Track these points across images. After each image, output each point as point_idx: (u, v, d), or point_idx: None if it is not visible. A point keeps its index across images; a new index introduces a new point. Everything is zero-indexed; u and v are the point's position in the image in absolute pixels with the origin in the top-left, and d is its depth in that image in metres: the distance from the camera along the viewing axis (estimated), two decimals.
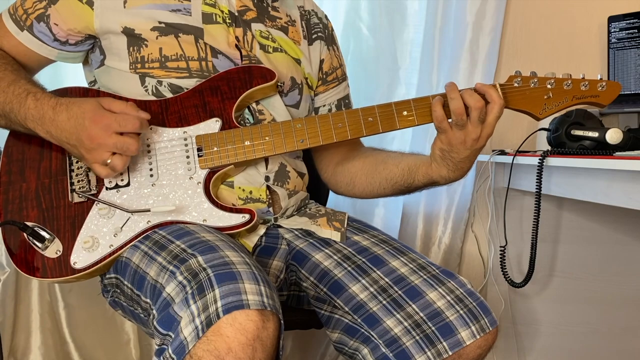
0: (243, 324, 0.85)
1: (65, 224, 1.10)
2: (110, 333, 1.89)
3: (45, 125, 1.06)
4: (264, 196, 1.18)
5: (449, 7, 1.94)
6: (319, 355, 1.99)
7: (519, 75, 1.18)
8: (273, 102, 1.22)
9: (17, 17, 1.17)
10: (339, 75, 1.40)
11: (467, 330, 1.05)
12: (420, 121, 1.17)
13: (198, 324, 0.86)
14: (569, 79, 1.18)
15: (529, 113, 1.19)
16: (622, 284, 1.98)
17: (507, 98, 1.17)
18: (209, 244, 0.98)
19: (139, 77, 1.16)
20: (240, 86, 1.16)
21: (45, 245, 1.08)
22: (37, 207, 1.10)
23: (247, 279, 0.89)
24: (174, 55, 1.16)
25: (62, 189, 1.12)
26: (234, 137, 1.14)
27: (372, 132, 1.17)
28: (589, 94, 1.18)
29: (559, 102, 1.18)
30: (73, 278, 1.09)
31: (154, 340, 0.94)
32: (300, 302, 1.28)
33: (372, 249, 1.18)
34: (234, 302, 0.86)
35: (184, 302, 0.89)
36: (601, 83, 1.18)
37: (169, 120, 1.15)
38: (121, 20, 1.15)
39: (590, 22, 2.00)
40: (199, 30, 1.18)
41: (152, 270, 1.00)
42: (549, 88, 1.18)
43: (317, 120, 1.16)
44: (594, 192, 1.42)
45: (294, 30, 1.31)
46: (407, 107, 1.17)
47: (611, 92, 1.18)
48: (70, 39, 1.18)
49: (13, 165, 1.13)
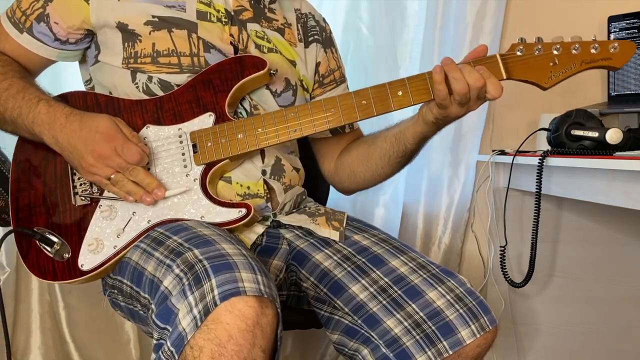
0: (242, 310, 0.85)
1: (71, 228, 1.12)
2: (110, 333, 1.89)
3: (54, 130, 1.08)
4: (262, 190, 1.18)
5: (449, 7, 1.94)
6: (319, 355, 1.99)
7: (522, 42, 1.12)
8: (267, 101, 1.22)
9: (15, 19, 1.17)
10: (337, 77, 1.40)
11: (467, 329, 1.05)
12: (416, 100, 1.12)
13: (196, 314, 0.86)
14: (577, 42, 1.10)
15: (533, 83, 1.12)
16: (622, 284, 1.97)
17: (509, 68, 1.11)
18: (206, 238, 0.98)
19: (130, 73, 1.16)
20: (232, 78, 1.16)
21: (55, 249, 1.10)
22: (45, 213, 1.13)
23: (244, 269, 0.90)
24: (165, 51, 1.16)
25: (66, 193, 1.14)
26: (227, 131, 1.13)
27: (366, 116, 1.13)
28: (600, 57, 1.09)
29: (567, 69, 1.10)
30: (82, 280, 1.10)
31: (153, 335, 0.94)
32: (300, 302, 1.28)
33: (372, 248, 1.18)
34: (231, 289, 0.86)
35: (181, 294, 0.89)
36: (613, 44, 1.09)
37: (164, 118, 1.15)
38: (115, 15, 1.15)
39: (590, 22, 2.00)
40: (193, 25, 1.18)
41: (150, 266, 1.00)
42: (555, 54, 1.10)
43: (310, 107, 1.14)
44: (594, 192, 1.42)
45: (290, 32, 1.31)
46: (401, 86, 1.12)
47: (625, 53, 1.09)
48: (71, 38, 1.18)
49: (22, 173, 1.16)
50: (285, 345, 1.97)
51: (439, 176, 1.98)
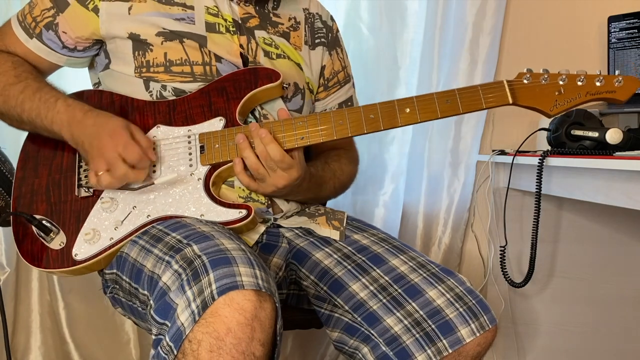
0: (240, 304, 0.85)
1: (70, 218, 1.13)
2: (110, 333, 1.89)
3: (72, 127, 1.10)
4: (263, 198, 1.19)
5: (449, 7, 1.94)
6: (319, 355, 1.99)
7: (529, 72, 1.15)
8: (277, 107, 1.23)
9: (26, 24, 1.21)
10: (341, 78, 1.40)
11: (467, 328, 1.05)
12: (423, 118, 1.15)
13: (194, 308, 0.86)
14: (582, 75, 1.14)
15: (539, 110, 1.16)
16: (622, 284, 1.97)
17: (516, 94, 1.14)
18: (205, 234, 0.99)
19: (143, 82, 1.19)
20: (245, 87, 1.18)
21: (51, 237, 1.11)
22: (46, 201, 1.15)
23: (242, 263, 0.90)
24: (178, 60, 1.18)
25: (70, 185, 1.15)
26: (236, 135, 1.14)
27: (373, 129, 1.16)
28: (605, 90, 1.14)
29: (571, 99, 1.14)
30: (74, 269, 1.11)
31: (152, 331, 0.94)
32: (300, 301, 1.28)
33: (372, 247, 1.18)
34: (229, 283, 0.86)
35: (179, 289, 0.89)
36: (618, 78, 1.14)
37: (176, 120, 1.17)
38: (127, 27, 1.18)
39: (590, 22, 2.00)
40: (202, 38, 1.20)
41: (149, 262, 1.01)
42: (560, 84, 1.14)
43: (318, 117, 1.16)
44: (594, 192, 1.42)
45: (296, 35, 1.32)
46: (409, 104, 1.15)
47: (629, 88, 1.14)
48: (79, 46, 1.22)
49: (29, 162, 1.19)
50: (285, 345, 1.97)
51: (439, 176, 1.98)
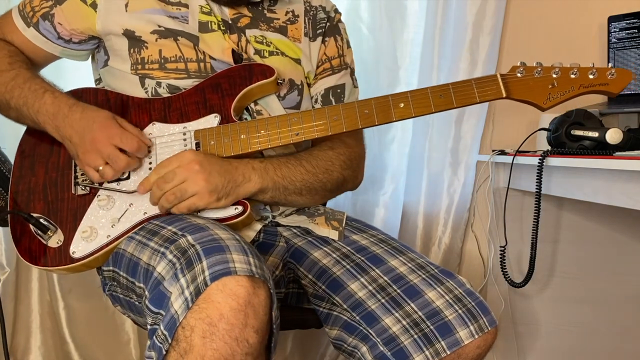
0: (233, 290, 0.84)
1: (67, 216, 1.13)
2: (110, 333, 1.89)
3: (57, 120, 1.12)
4: None
5: (449, 7, 1.94)
6: (318, 355, 1.99)
7: (522, 65, 1.15)
8: (271, 104, 1.23)
9: (25, 13, 1.23)
10: (335, 65, 1.37)
11: (466, 330, 1.04)
12: (417, 112, 1.14)
13: (187, 295, 0.86)
14: (575, 68, 1.14)
15: (532, 103, 1.16)
16: (622, 284, 1.97)
17: (509, 88, 1.14)
18: (200, 225, 0.99)
19: (139, 79, 1.19)
20: (240, 83, 1.19)
21: (49, 236, 1.11)
22: (44, 200, 1.15)
23: (235, 251, 0.90)
24: (173, 57, 1.19)
25: (66, 183, 1.16)
26: (231, 131, 1.15)
27: (367, 124, 1.15)
28: (598, 82, 1.14)
29: (565, 91, 1.15)
30: (72, 267, 1.11)
31: (147, 321, 0.94)
32: (299, 300, 1.28)
33: (371, 248, 1.18)
34: (221, 269, 0.86)
35: (173, 277, 0.89)
36: (610, 71, 1.14)
37: (171, 117, 1.17)
38: (122, 23, 1.19)
39: (590, 22, 2.00)
40: (194, 38, 1.21)
41: (145, 255, 1.01)
42: (553, 77, 1.15)
43: (313, 114, 1.16)
44: (594, 192, 1.42)
45: (294, 28, 1.31)
46: (403, 99, 1.15)
47: (621, 80, 1.14)
48: (74, 38, 1.23)
49: (25, 160, 1.19)
50: (285, 345, 1.97)
51: (439, 176, 1.98)
